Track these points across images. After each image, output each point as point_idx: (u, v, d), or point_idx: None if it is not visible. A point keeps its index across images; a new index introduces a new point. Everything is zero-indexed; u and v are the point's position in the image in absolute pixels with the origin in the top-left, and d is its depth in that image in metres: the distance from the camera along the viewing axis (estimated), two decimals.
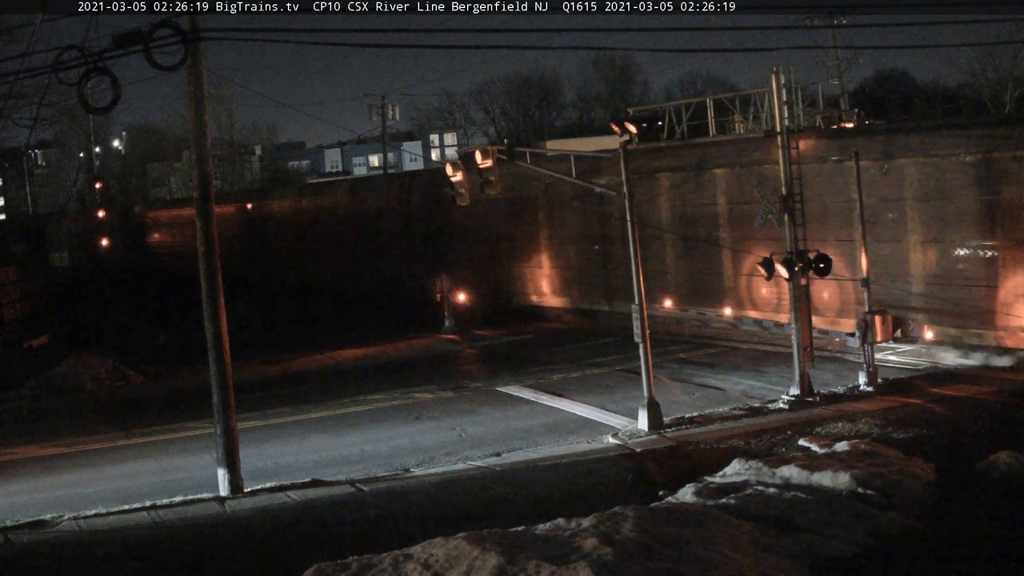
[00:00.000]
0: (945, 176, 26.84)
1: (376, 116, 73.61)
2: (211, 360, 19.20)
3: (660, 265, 34.99)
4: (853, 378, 24.66)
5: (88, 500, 19.27)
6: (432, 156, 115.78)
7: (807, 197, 25.41)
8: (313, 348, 37.03)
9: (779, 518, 15.05)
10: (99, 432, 25.86)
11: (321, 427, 24.82)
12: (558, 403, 25.53)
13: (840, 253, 26.87)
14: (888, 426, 20.58)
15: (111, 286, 65.40)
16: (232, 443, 19.11)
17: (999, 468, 16.92)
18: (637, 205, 24.09)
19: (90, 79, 16.94)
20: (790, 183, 23.86)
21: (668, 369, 28.44)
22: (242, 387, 22.06)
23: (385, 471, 20.37)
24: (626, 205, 22.95)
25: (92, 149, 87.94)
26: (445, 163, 31.30)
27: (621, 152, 23.11)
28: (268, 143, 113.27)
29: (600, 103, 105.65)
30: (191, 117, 19.33)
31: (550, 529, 14.55)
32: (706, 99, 34.83)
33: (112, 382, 32.59)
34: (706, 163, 33.60)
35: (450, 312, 39.31)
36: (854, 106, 46.76)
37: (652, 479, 18.53)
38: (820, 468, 16.83)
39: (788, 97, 28.42)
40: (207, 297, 19.20)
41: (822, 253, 23.63)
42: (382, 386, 29.10)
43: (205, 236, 19.14)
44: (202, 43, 18.72)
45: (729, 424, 22.04)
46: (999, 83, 61.10)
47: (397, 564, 13.52)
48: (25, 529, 17.44)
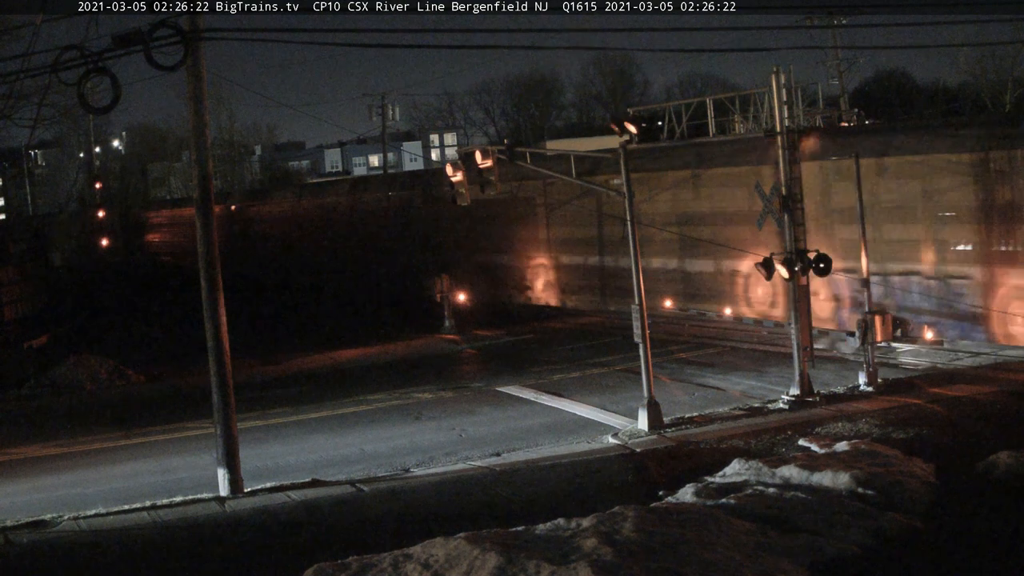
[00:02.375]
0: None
1: (376, 116, 73.52)
2: (211, 360, 19.20)
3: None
4: (853, 378, 24.67)
5: (88, 500, 19.26)
6: (432, 156, 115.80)
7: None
8: (313, 348, 37.01)
9: (779, 518, 15.05)
10: (99, 432, 25.85)
11: (321, 427, 24.82)
12: (558, 403, 25.52)
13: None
14: (888, 426, 20.57)
15: (111, 286, 65.38)
16: (232, 443, 19.10)
17: (999, 468, 16.92)
18: (637, 205, 24.08)
19: (90, 79, 16.94)
20: (790, 183, 23.86)
21: (668, 369, 28.45)
22: (242, 387, 22.07)
23: (385, 471, 20.37)
24: (626, 205, 22.96)
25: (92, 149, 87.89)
26: (445, 163, 31.27)
27: (621, 152, 23.10)
28: (268, 143, 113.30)
29: (600, 103, 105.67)
30: (191, 117, 19.33)
31: (550, 529, 14.56)
32: (706, 99, 34.80)
33: (112, 382, 32.58)
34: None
35: (450, 312, 39.30)
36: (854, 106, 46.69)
37: (652, 479, 18.53)
38: (820, 468, 16.82)
39: (788, 97, 28.38)
40: (207, 297, 19.19)
41: (822, 253, 23.63)
42: (382, 386, 29.10)
43: (205, 236, 19.14)
44: (202, 43, 18.72)
45: (729, 424, 22.04)
46: (999, 83, 61.11)
47: (397, 564, 13.52)
48: (25, 529, 17.43)
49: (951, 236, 26.67)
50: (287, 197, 65.78)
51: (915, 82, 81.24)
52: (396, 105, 73.27)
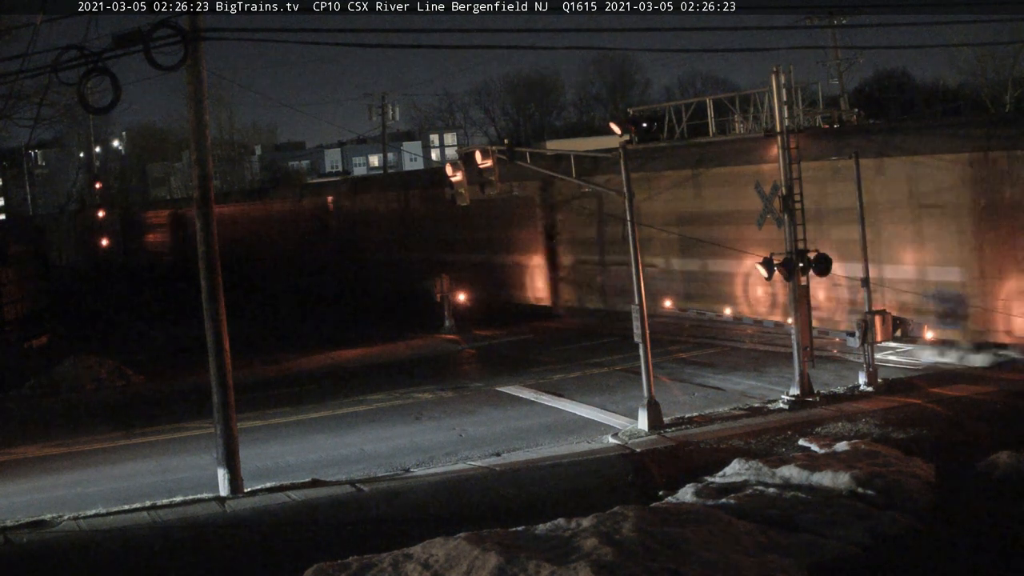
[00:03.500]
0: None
1: (376, 116, 73.69)
2: (211, 360, 19.20)
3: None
4: (853, 378, 24.67)
5: (88, 500, 19.26)
6: (432, 156, 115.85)
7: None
8: (313, 348, 37.01)
9: (779, 518, 15.05)
10: (99, 432, 25.85)
11: (321, 427, 24.82)
12: (558, 403, 25.53)
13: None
14: (888, 426, 20.57)
15: (111, 286, 65.40)
16: (232, 443, 19.11)
17: (999, 468, 16.91)
18: (637, 204, 24.08)
19: (90, 79, 16.97)
20: (790, 183, 23.86)
21: (668, 369, 28.44)
22: (242, 387, 22.06)
23: (385, 471, 20.37)
24: (626, 205, 22.96)
25: (92, 149, 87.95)
26: (445, 163, 31.28)
27: (621, 152, 23.10)
28: (268, 143, 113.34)
29: (600, 103, 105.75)
30: (191, 117, 19.33)
31: (550, 529, 14.56)
32: (706, 99, 34.77)
33: (112, 382, 32.57)
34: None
35: (450, 312, 39.30)
36: (854, 106, 46.69)
37: (652, 479, 18.53)
38: (820, 468, 16.82)
39: (788, 97, 28.37)
40: (207, 297, 19.19)
41: (822, 253, 23.62)
42: (382, 386, 29.09)
43: (205, 236, 19.14)
44: (202, 43, 18.71)
45: (729, 424, 22.04)
46: (999, 83, 61.11)
47: (397, 564, 13.53)
48: (25, 529, 17.44)
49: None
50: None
51: (915, 82, 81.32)
52: (396, 105, 73.52)
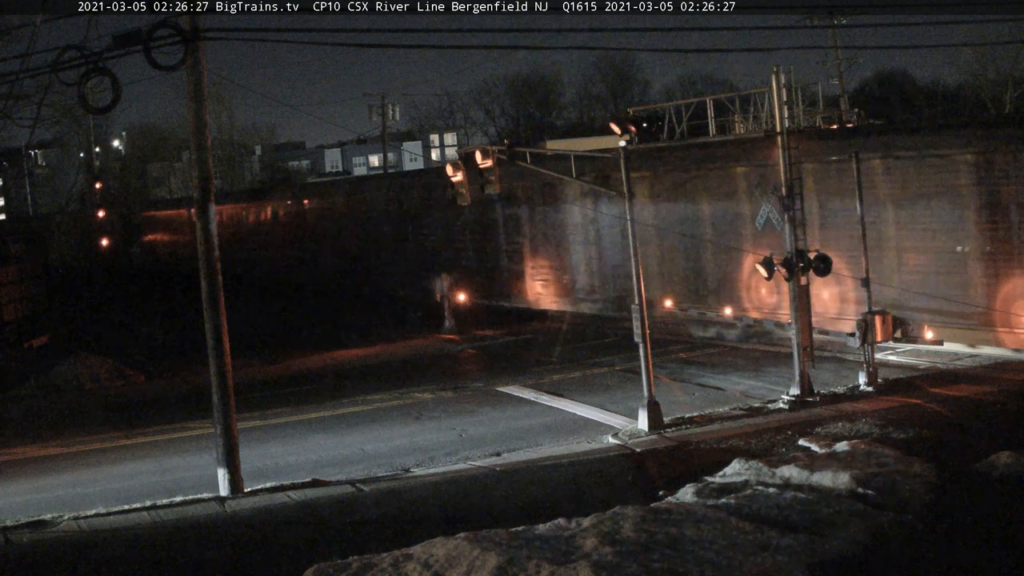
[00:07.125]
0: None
1: (376, 116, 73.68)
2: (211, 360, 19.20)
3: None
4: (853, 378, 24.66)
5: (88, 500, 19.26)
6: (432, 156, 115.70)
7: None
8: (313, 348, 37.02)
9: (779, 518, 15.04)
10: (99, 432, 25.85)
11: (321, 427, 24.82)
12: (558, 403, 25.53)
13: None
14: (888, 426, 20.57)
15: (111, 286, 65.36)
16: (232, 443, 19.11)
17: (999, 468, 16.90)
18: (636, 204, 24.08)
19: (90, 79, 16.96)
20: (790, 183, 23.85)
21: (668, 369, 28.45)
22: (242, 387, 22.07)
23: (385, 471, 20.37)
24: (626, 205, 22.95)
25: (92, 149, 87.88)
26: (445, 163, 31.29)
27: (621, 152, 23.09)
28: (268, 143, 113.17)
29: (600, 103, 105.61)
30: (191, 117, 19.33)
31: (550, 529, 14.56)
32: (706, 99, 34.78)
33: (112, 382, 32.59)
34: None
35: (450, 312, 39.30)
36: (854, 106, 46.71)
37: (652, 479, 18.53)
38: (820, 468, 16.82)
39: (788, 97, 28.38)
40: (207, 297, 19.19)
41: (822, 252, 23.61)
42: (382, 386, 29.10)
43: (205, 236, 19.14)
44: (202, 43, 18.71)
45: (729, 424, 22.04)
46: (999, 83, 61.08)
47: (397, 564, 13.52)
48: (25, 529, 17.43)
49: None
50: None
51: (915, 82, 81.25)
52: (396, 105, 73.47)
